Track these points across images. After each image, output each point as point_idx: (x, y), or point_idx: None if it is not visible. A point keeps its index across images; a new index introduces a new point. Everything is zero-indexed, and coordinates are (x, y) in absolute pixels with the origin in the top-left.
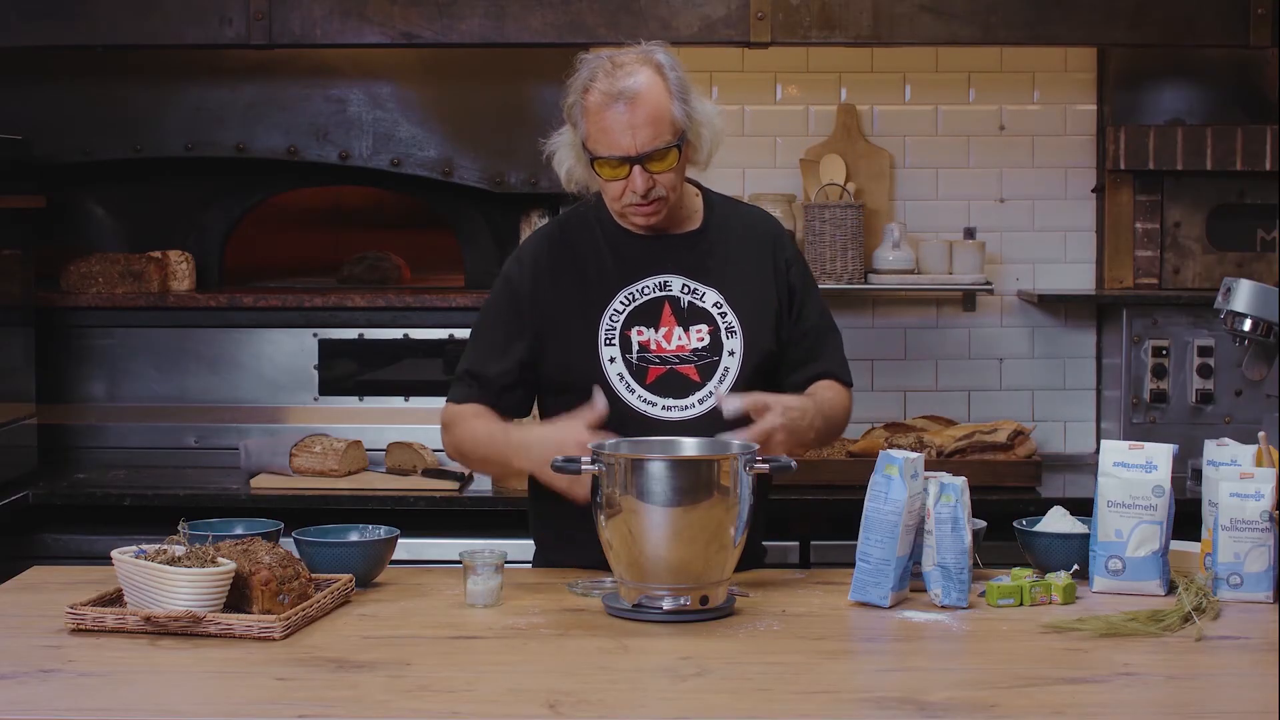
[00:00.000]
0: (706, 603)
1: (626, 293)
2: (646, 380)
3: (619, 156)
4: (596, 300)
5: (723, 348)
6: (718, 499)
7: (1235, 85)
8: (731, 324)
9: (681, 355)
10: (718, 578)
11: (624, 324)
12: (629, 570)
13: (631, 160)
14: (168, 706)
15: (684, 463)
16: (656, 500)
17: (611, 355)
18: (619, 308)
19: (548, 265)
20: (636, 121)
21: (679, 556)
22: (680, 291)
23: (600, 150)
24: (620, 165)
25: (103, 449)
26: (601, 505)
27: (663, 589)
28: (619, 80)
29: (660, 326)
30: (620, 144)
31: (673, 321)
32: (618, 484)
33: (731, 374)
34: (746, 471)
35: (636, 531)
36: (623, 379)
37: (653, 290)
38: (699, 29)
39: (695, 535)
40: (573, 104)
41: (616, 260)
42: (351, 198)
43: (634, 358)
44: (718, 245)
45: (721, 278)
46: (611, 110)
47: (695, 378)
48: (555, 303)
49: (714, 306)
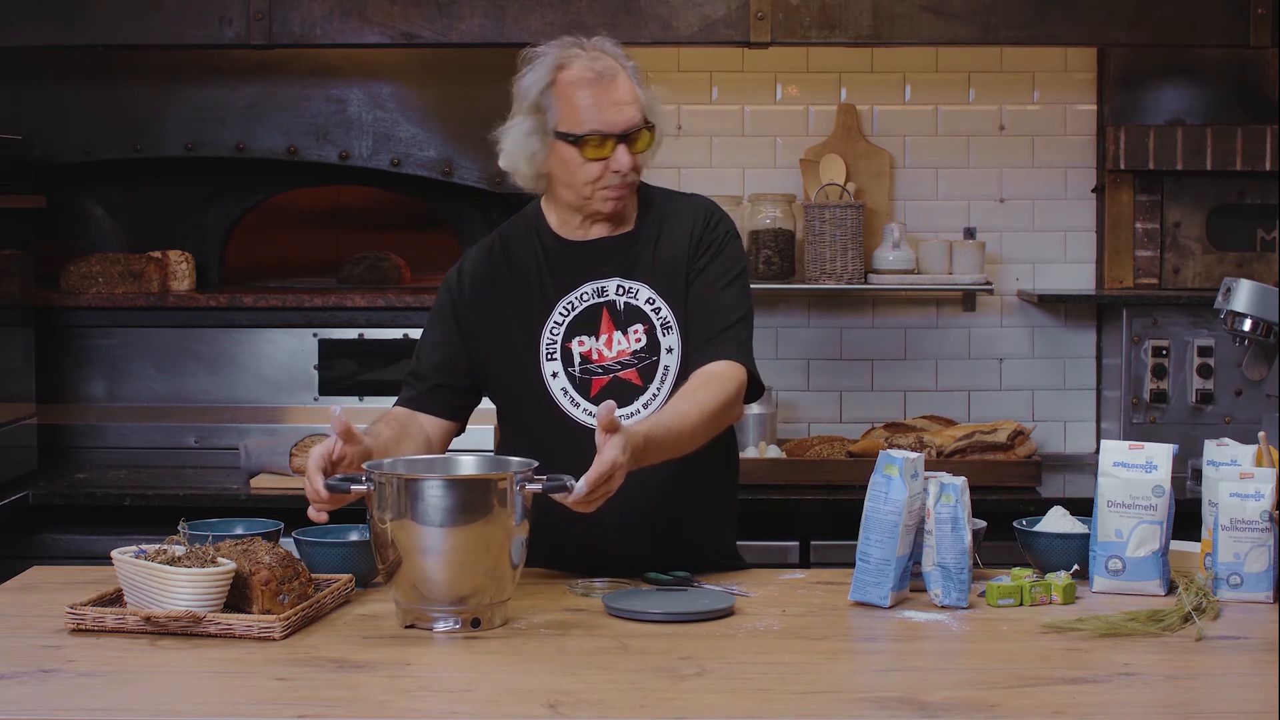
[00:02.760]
0: (479, 625)
1: (565, 303)
2: (591, 393)
3: (603, 133)
4: (536, 314)
5: (660, 346)
6: (491, 519)
7: (1235, 85)
8: (666, 319)
9: (622, 361)
10: (492, 599)
11: (564, 335)
12: (402, 590)
13: (616, 137)
14: (168, 706)
15: (455, 483)
16: (427, 520)
17: (554, 370)
18: (558, 319)
19: (486, 282)
20: (620, 99)
21: (451, 577)
22: (615, 294)
23: (581, 129)
24: (603, 144)
25: (103, 449)
26: (373, 525)
27: (436, 610)
28: (596, 61)
29: (600, 334)
30: (606, 120)
31: (611, 327)
32: (389, 504)
33: (672, 372)
34: (519, 491)
35: (408, 551)
36: (566, 394)
37: (591, 296)
38: (699, 29)
39: (467, 556)
40: (540, 88)
41: (554, 270)
42: (351, 198)
43: (576, 370)
44: (650, 240)
45: (651, 271)
46: (595, 88)
47: (637, 381)
48: (494, 320)
49: (647, 303)
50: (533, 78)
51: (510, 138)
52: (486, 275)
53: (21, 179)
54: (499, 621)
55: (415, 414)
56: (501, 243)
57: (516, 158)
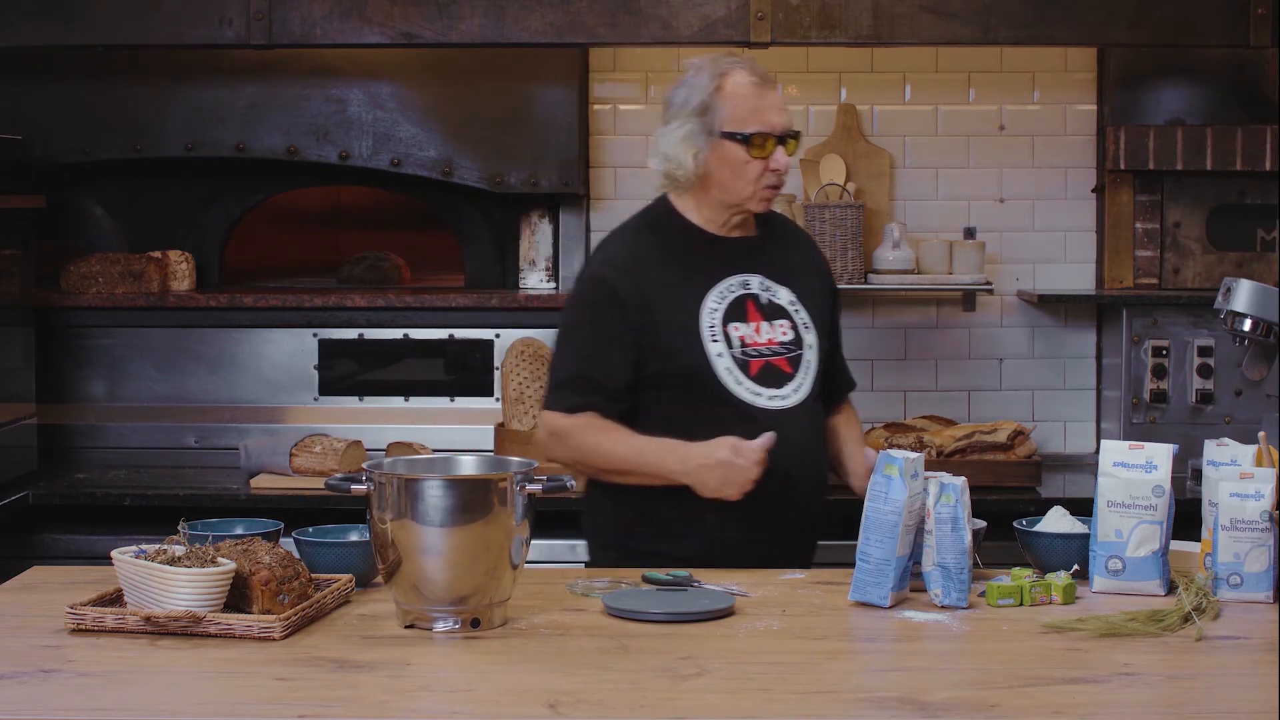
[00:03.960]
0: (479, 625)
1: (717, 290)
2: (751, 373)
3: (766, 133)
4: (692, 299)
5: (803, 341)
6: (491, 519)
7: (1235, 85)
8: (805, 320)
9: (773, 348)
10: (492, 599)
11: (721, 320)
12: (402, 591)
13: (778, 138)
14: (168, 706)
15: (455, 483)
16: (427, 520)
17: (719, 350)
18: (713, 305)
19: (643, 264)
20: (779, 104)
21: (451, 577)
22: (758, 289)
23: (747, 128)
24: (765, 143)
25: (103, 449)
26: (373, 524)
27: (436, 610)
28: (756, 70)
29: (749, 321)
30: (771, 121)
31: (759, 317)
32: (389, 504)
33: (812, 367)
34: (519, 491)
35: (408, 551)
36: (730, 372)
37: (737, 288)
38: (699, 29)
39: (467, 556)
40: (706, 93)
41: (702, 259)
42: (351, 198)
43: (737, 351)
44: (778, 251)
45: (787, 277)
46: (761, 91)
47: (787, 369)
48: (655, 301)
49: (789, 304)
50: (695, 84)
51: (668, 141)
52: (638, 260)
53: (21, 179)
54: (499, 621)
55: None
56: (647, 230)
57: (678, 158)
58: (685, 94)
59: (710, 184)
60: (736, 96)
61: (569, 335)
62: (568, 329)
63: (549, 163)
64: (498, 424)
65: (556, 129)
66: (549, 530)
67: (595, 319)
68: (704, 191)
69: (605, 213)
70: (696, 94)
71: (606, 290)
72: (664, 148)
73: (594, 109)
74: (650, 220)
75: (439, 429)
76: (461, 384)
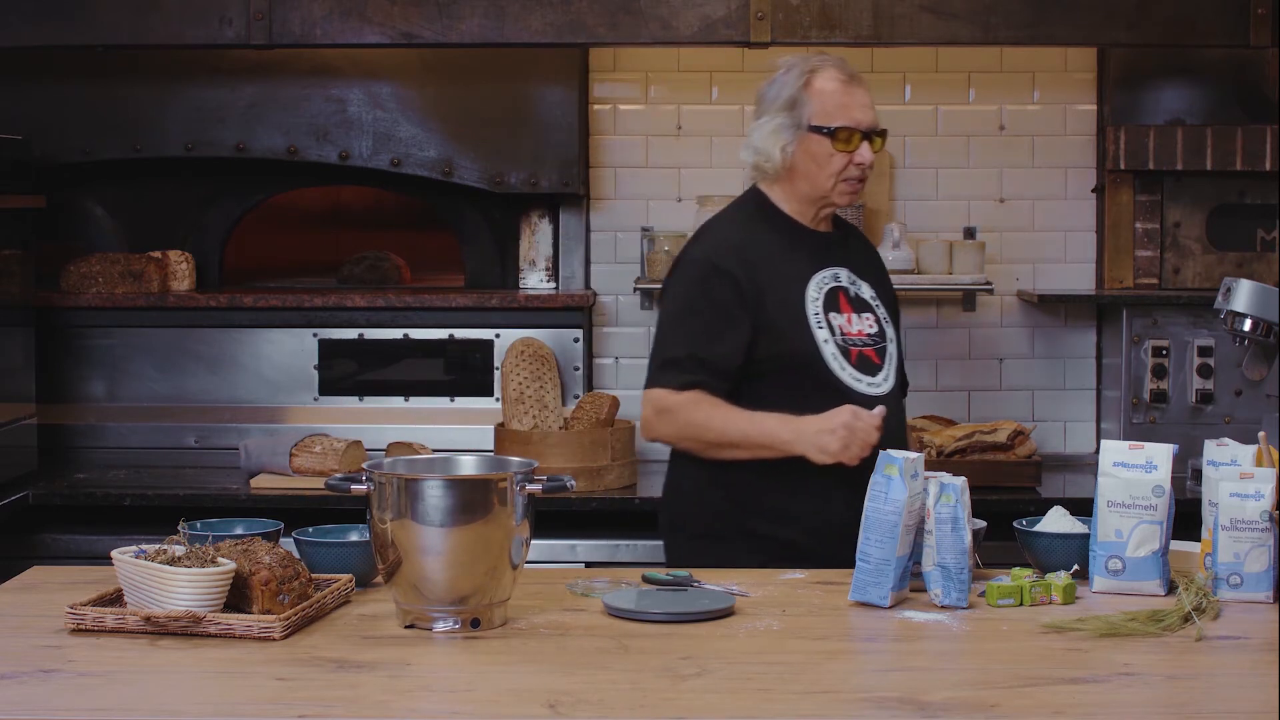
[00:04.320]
0: (479, 625)
1: (816, 280)
2: (851, 359)
3: (852, 129)
4: (797, 287)
5: (885, 335)
6: (491, 519)
7: (1235, 85)
8: (884, 315)
9: (863, 339)
10: (492, 599)
11: (822, 308)
12: (402, 591)
13: (864, 133)
14: (168, 706)
15: (455, 482)
16: (427, 520)
17: (825, 337)
18: (814, 294)
19: (750, 250)
20: (866, 101)
21: (451, 577)
22: (847, 282)
23: (834, 122)
24: (850, 138)
25: (103, 449)
26: (373, 524)
27: (436, 610)
28: (844, 68)
29: (842, 312)
30: (855, 117)
31: (849, 309)
32: (389, 504)
33: (894, 360)
34: (519, 491)
35: (408, 551)
36: (835, 358)
37: (829, 280)
38: (699, 29)
39: (467, 556)
40: (795, 88)
41: (799, 250)
42: (351, 198)
43: (839, 339)
44: (854, 248)
45: (866, 273)
46: (848, 88)
47: (876, 360)
48: (766, 286)
49: (871, 299)
50: (786, 80)
51: (759, 134)
52: (745, 246)
53: (21, 179)
54: (499, 621)
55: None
56: (746, 219)
57: (767, 150)
58: (776, 90)
59: (796, 176)
60: (824, 92)
61: (678, 318)
62: (677, 313)
63: (549, 163)
64: (498, 424)
65: (556, 129)
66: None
67: (709, 301)
68: (790, 184)
69: (605, 213)
70: (786, 89)
71: (720, 273)
72: (754, 141)
73: (594, 109)
74: (749, 210)
75: (439, 429)
76: (461, 384)
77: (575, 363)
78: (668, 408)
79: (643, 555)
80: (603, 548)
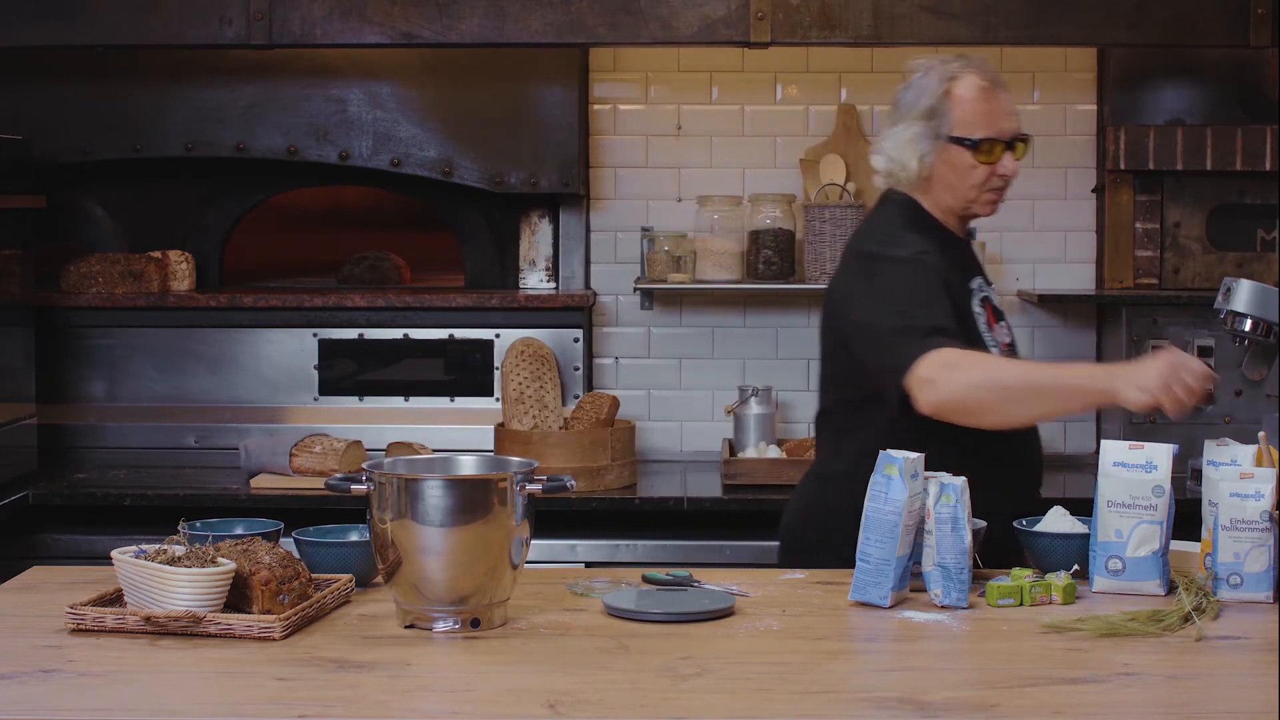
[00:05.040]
0: (479, 625)
1: (972, 286)
2: None
3: (995, 139)
4: (964, 295)
5: (1015, 344)
6: (491, 519)
7: (1235, 85)
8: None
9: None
10: (492, 599)
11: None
12: (402, 591)
13: (1008, 142)
14: (168, 706)
15: (455, 482)
16: (427, 520)
17: (991, 341)
18: (977, 305)
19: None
20: (1008, 109)
21: (451, 577)
22: (989, 291)
23: (977, 134)
24: (993, 149)
25: (103, 449)
26: (373, 524)
27: (436, 610)
28: (986, 74)
29: (990, 322)
30: (998, 127)
31: (993, 317)
32: (389, 504)
33: None
34: (519, 491)
35: (408, 551)
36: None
37: (980, 288)
38: (699, 29)
39: (467, 556)
40: (935, 96)
41: (954, 255)
42: (351, 198)
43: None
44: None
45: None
46: (991, 95)
47: None
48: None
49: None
50: (924, 86)
51: (894, 142)
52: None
53: (21, 179)
54: (499, 621)
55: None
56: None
57: (903, 159)
58: (913, 96)
59: (934, 186)
60: (966, 101)
61: (913, 296)
62: (911, 292)
63: (549, 163)
64: (498, 424)
65: (556, 129)
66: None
67: (928, 283)
68: (927, 194)
69: (605, 213)
70: (925, 96)
71: (930, 264)
72: (888, 149)
73: (594, 109)
74: (910, 215)
75: (439, 429)
76: (461, 384)
77: (575, 363)
78: (950, 363)
79: (643, 555)
80: (603, 548)
